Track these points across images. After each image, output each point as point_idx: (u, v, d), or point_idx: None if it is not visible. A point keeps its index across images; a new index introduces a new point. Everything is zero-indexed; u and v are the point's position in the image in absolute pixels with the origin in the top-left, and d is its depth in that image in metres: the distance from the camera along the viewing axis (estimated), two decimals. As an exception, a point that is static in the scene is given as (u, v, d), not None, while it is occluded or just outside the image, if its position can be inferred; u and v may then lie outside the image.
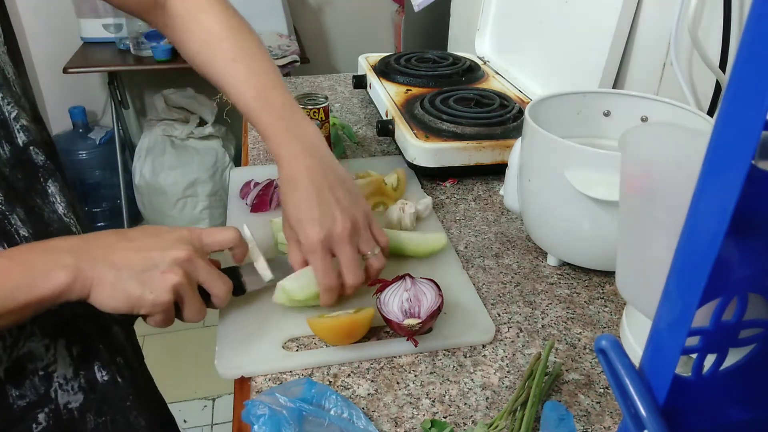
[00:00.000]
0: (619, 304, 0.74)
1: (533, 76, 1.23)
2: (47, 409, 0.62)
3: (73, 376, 0.64)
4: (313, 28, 2.90)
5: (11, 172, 0.59)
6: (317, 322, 0.64)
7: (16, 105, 0.61)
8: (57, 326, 0.63)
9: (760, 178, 0.29)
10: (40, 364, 0.61)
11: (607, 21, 0.96)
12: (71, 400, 0.64)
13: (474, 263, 0.80)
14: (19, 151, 0.60)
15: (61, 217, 0.64)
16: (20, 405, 0.60)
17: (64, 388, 0.64)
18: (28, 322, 0.60)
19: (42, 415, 0.62)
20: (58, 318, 0.62)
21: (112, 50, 2.46)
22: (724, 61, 0.79)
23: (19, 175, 0.60)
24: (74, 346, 0.64)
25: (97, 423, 0.67)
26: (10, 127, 0.60)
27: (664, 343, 0.34)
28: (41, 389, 0.62)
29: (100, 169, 2.59)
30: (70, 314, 0.64)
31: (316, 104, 1.03)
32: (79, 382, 0.65)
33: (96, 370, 0.67)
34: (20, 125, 0.61)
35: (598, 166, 0.67)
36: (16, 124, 0.60)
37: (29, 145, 0.62)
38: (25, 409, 0.61)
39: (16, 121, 0.60)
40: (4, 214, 0.57)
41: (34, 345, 0.60)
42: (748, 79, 0.26)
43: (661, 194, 0.51)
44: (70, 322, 0.64)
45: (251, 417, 0.52)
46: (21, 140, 0.61)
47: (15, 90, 0.61)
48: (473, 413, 0.58)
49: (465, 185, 1.00)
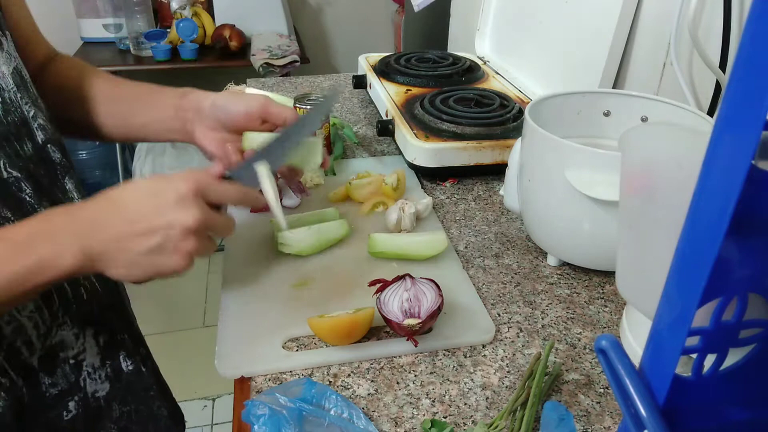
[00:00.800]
0: (619, 304, 0.74)
1: (533, 76, 1.23)
2: (77, 397, 0.65)
3: (100, 365, 0.67)
4: (313, 28, 2.90)
5: (35, 168, 0.60)
6: (317, 322, 0.64)
7: (33, 105, 0.62)
8: (85, 315, 0.65)
9: (760, 178, 0.29)
10: (70, 352, 0.63)
11: (607, 21, 0.96)
12: (98, 388, 0.67)
13: (474, 263, 0.80)
14: (39, 148, 0.62)
15: None
16: (52, 393, 0.62)
17: (93, 376, 0.66)
18: (59, 312, 0.61)
19: (72, 404, 0.64)
20: (87, 307, 0.65)
21: (112, 50, 2.46)
22: (724, 61, 0.79)
23: (41, 171, 0.61)
24: (101, 335, 0.67)
25: (122, 412, 0.70)
26: (30, 126, 0.61)
27: (664, 343, 0.34)
28: (72, 378, 0.64)
29: (100, 169, 2.59)
30: (97, 305, 0.66)
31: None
32: (106, 371, 0.67)
33: (121, 360, 0.70)
34: (38, 124, 0.62)
35: (598, 166, 0.67)
36: (34, 123, 0.62)
37: (47, 143, 0.63)
38: (57, 397, 0.63)
39: (35, 120, 0.62)
40: (35, 207, 0.59)
41: (65, 334, 0.62)
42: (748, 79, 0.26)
43: (661, 194, 0.51)
44: (96, 313, 0.66)
45: (251, 417, 0.52)
46: (40, 138, 0.62)
47: (32, 91, 0.63)
48: (473, 413, 0.58)
49: (465, 185, 1.00)
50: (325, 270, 0.77)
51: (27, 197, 0.58)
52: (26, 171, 0.59)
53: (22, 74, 0.62)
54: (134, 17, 2.39)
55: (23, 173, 0.58)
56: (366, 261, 0.78)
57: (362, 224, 0.86)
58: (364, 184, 0.91)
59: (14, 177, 0.57)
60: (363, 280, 0.73)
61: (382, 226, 0.85)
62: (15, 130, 0.59)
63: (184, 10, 2.43)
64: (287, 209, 0.89)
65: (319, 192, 0.95)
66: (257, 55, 2.25)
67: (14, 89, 0.60)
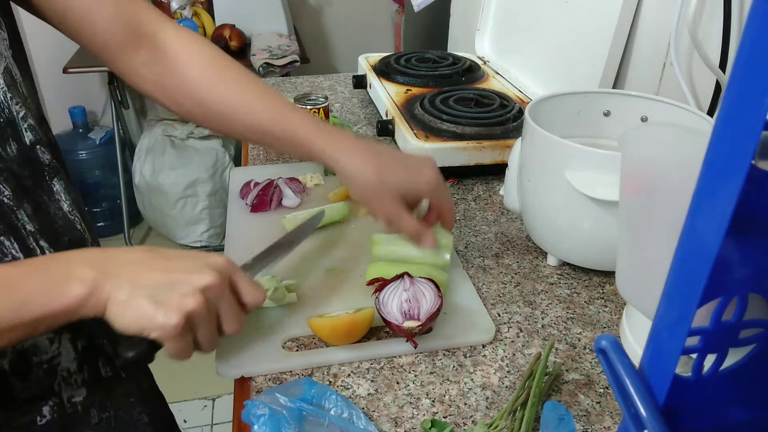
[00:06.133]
0: (619, 304, 0.74)
1: (533, 76, 1.23)
2: (51, 402, 0.63)
3: (77, 370, 0.65)
4: (313, 28, 2.90)
5: (19, 169, 0.60)
6: (317, 322, 0.64)
7: (23, 105, 0.61)
8: None
9: (760, 178, 0.29)
10: (44, 357, 0.62)
11: (607, 21, 0.96)
12: (75, 394, 0.65)
13: (474, 263, 0.80)
14: (26, 149, 0.61)
15: (66, 214, 0.64)
16: (24, 397, 0.61)
17: (68, 381, 0.65)
18: None
19: (46, 408, 0.63)
20: None
21: (112, 50, 2.45)
22: (724, 61, 0.79)
23: (26, 172, 0.61)
24: (78, 340, 0.65)
25: (101, 418, 0.68)
26: (18, 127, 0.61)
27: (664, 343, 0.34)
28: (45, 382, 0.62)
29: (100, 169, 2.59)
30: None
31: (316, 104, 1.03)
32: (83, 376, 0.66)
33: (100, 366, 0.68)
34: (27, 125, 0.62)
35: (598, 166, 0.67)
36: (23, 124, 0.61)
37: (36, 144, 0.63)
38: (30, 402, 0.62)
39: (24, 121, 0.61)
40: (12, 209, 0.58)
41: (39, 338, 0.61)
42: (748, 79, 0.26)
43: (661, 194, 0.51)
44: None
45: (251, 417, 0.52)
46: (28, 139, 0.62)
47: (22, 91, 0.62)
48: (473, 413, 0.58)
49: (465, 185, 1.00)
50: (325, 270, 0.76)
51: (5, 199, 0.57)
52: (8, 172, 0.57)
53: (12, 74, 0.61)
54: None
55: (4, 174, 0.57)
56: (366, 261, 0.78)
57: (362, 224, 0.86)
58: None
59: None
60: (363, 280, 0.73)
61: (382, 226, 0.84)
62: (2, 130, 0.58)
63: (184, 10, 2.43)
64: (287, 209, 0.89)
65: (319, 192, 0.95)
66: (257, 55, 2.25)
67: (4, 89, 0.59)
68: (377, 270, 0.71)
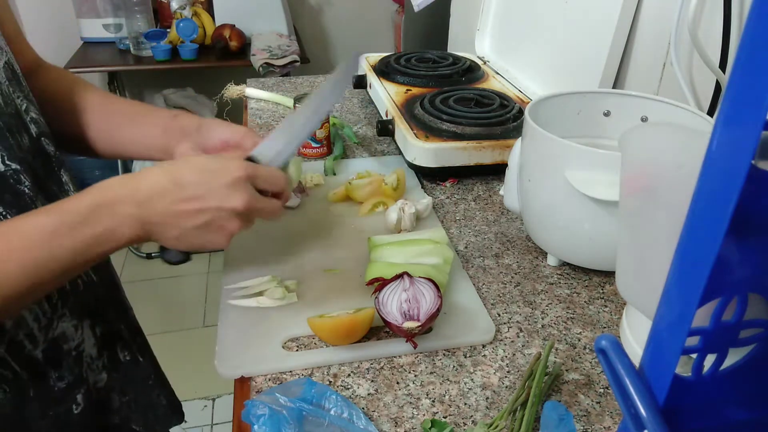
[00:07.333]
0: (619, 304, 0.74)
1: (533, 76, 1.23)
2: (83, 389, 0.65)
3: (97, 356, 0.67)
4: (313, 28, 2.90)
5: (33, 160, 0.61)
6: (317, 322, 0.64)
7: (25, 99, 0.62)
8: (82, 307, 0.65)
9: (760, 178, 0.29)
10: (72, 344, 0.64)
11: (607, 21, 0.96)
12: (97, 379, 0.68)
13: (474, 263, 0.80)
14: (34, 140, 0.62)
15: None
16: (60, 387, 0.63)
17: (92, 366, 0.67)
18: (58, 304, 0.62)
19: (80, 396, 0.65)
20: (84, 298, 0.65)
21: (112, 50, 2.46)
22: (724, 61, 0.79)
23: (38, 162, 0.62)
24: (97, 326, 0.68)
25: (121, 402, 0.71)
26: (24, 119, 0.62)
27: (664, 343, 0.34)
28: (75, 370, 0.64)
29: (99, 169, 2.59)
30: (93, 299, 0.67)
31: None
32: (103, 361, 0.68)
33: (118, 350, 0.71)
34: (30, 117, 0.63)
35: (598, 166, 0.67)
36: (27, 116, 0.62)
37: (41, 136, 0.64)
38: (65, 391, 0.63)
39: (27, 114, 0.62)
40: (33, 199, 0.59)
41: (65, 326, 0.63)
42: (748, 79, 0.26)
43: (661, 194, 0.51)
44: (92, 304, 0.67)
45: (251, 417, 0.52)
46: (34, 131, 0.63)
47: (24, 85, 0.63)
48: (473, 413, 0.58)
49: (465, 185, 1.00)
50: (325, 270, 0.76)
51: (26, 189, 0.58)
52: (26, 163, 0.59)
53: (13, 68, 0.62)
54: (134, 17, 2.39)
55: (23, 165, 0.58)
56: (366, 261, 0.78)
57: (362, 224, 0.86)
58: (364, 184, 0.91)
59: (13, 169, 0.57)
60: (363, 280, 0.73)
61: (382, 226, 0.85)
62: (14, 122, 0.59)
63: (184, 10, 2.43)
64: (287, 209, 0.89)
65: (319, 192, 0.95)
66: (257, 55, 2.25)
67: (7, 83, 0.60)
68: (377, 270, 0.71)
